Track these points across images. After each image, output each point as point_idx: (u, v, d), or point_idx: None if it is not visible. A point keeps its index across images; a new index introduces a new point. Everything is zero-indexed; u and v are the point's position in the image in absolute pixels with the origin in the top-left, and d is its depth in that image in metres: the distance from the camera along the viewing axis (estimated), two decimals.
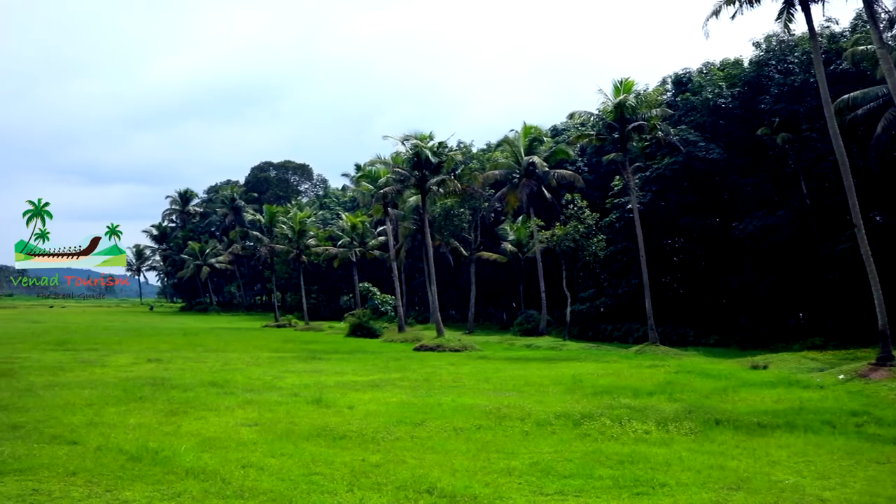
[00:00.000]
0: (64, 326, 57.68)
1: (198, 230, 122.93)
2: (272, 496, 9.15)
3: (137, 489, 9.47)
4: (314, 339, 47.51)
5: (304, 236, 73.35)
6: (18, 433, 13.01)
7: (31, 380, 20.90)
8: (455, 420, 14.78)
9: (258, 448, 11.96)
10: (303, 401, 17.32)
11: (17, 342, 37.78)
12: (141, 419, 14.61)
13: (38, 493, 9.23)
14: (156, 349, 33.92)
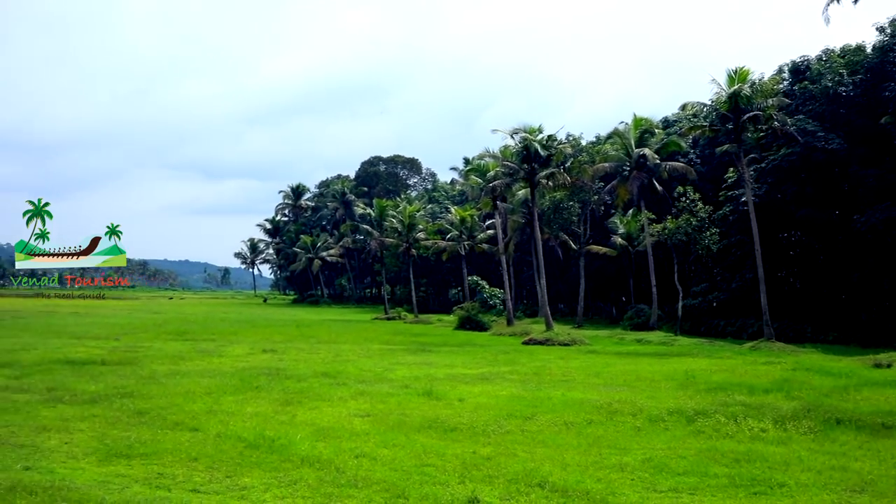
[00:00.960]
0: (183, 317, 59.72)
1: (309, 224, 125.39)
2: (385, 486, 9.27)
3: (255, 475, 9.74)
4: (423, 331, 47.90)
5: (414, 230, 73.90)
6: (143, 419, 13.55)
7: (153, 368, 21.72)
8: (565, 414, 14.70)
9: (371, 438, 12.15)
10: (413, 393, 17.50)
11: (140, 332, 39.28)
12: (257, 408, 15.02)
13: (162, 477, 9.60)
14: (270, 340, 34.77)
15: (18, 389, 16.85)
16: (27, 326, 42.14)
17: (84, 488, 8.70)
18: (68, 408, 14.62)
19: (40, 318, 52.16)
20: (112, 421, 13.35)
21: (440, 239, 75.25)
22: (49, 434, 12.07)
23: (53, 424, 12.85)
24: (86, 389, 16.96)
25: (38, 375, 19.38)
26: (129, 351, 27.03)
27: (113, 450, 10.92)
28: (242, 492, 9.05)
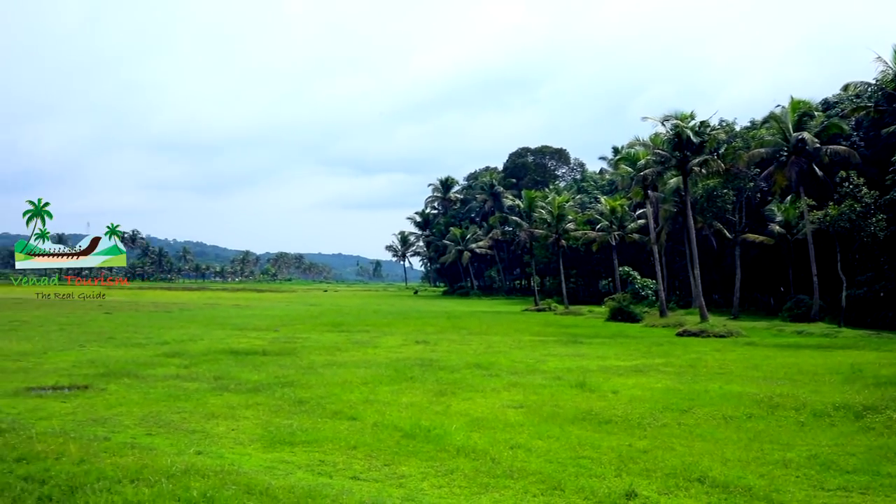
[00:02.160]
0: (337, 309, 61.35)
1: (458, 216, 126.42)
2: (541, 477, 9.26)
3: (412, 464, 9.91)
4: (574, 322, 47.58)
5: (563, 220, 73.41)
6: (304, 408, 14.01)
7: (311, 359, 22.42)
8: (724, 408, 14.31)
9: (525, 430, 12.16)
10: (566, 384, 17.40)
11: (298, 323, 40.62)
12: (412, 398, 15.28)
13: (324, 464, 9.89)
14: (422, 331, 35.30)
15: (188, 378, 17.73)
16: (193, 318, 44.26)
17: (251, 473, 9.06)
18: (234, 396, 15.28)
19: (205, 311, 54.67)
20: (274, 409, 13.86)
21: (590, 229, 74.49)
22: (217, 421, 12.65)
23: (221, 412, 13.46)
24: (249, 379, 17.69)
25: (206, 365, 20.34)
26: (288, 342, 28.00)
27: (276, 437, 11.35)
28: (400, 480, 9.23)
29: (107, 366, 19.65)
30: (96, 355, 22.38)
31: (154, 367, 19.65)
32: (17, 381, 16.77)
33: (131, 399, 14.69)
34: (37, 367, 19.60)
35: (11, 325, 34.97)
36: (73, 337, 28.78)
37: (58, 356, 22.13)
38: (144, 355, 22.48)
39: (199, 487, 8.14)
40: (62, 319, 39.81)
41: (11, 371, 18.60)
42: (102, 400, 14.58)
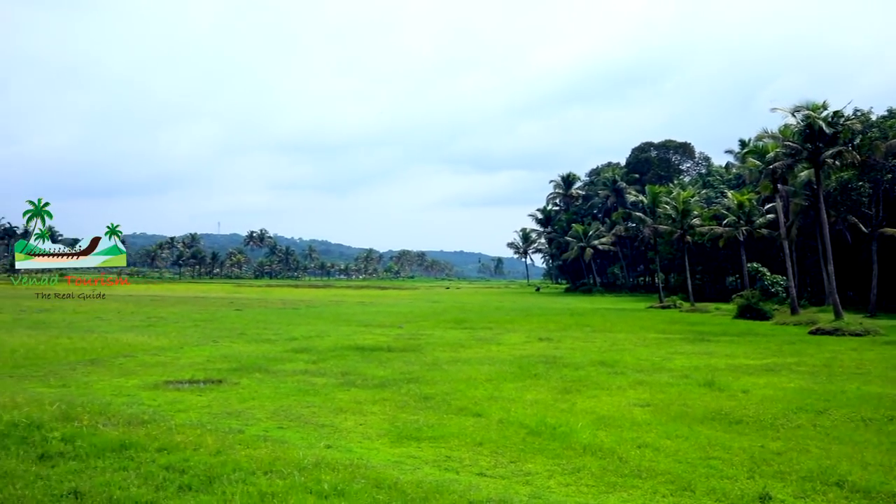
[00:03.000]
0: (460, 306, 61.71)
1: (580, 212, 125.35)
2: (670, 478, 9.10)
3: (539, 462, 9.88)
4: (700, 320, 46.49)
5: (688, 216, 71.81)
6: (429, 404, 14.14)
7: (436, 355, 22.61)
8: (862, 409, 13.72)
9: (652, 429, 11.96)
10: (694, 383, 17.04)
11: (421, 320, 41.06)
12: (537, 395, 15.23)
13: (450, 460, 9.96)
14: (545, 329, 35.16)
15: (316, 373, 18.15)
16: (320, 315, 45.29)
17: (379, 467, 9.21)
18: (361, 391, 15.55)
19: (331, 308, 55.84)
20: (401, 405, 14.03)
21: (716, 225, 72.56)
22: (345, 415, 12.90)
23: (348, 407, 13.72)
24: (375, 374, 17.97)
25: (333, 360, 20.77)
26: (412, 338, 28.32)
27: (403, 432, 11.49)
28: (527, 477, 9.21)
29: (239, 361, 20.30)
30: (229, 351, 23.16)
31: (283, 363, 20.19)
32: (156, 375, 17.49)
33: (263, 393, 15.14)
34: (174, 361, 20.40)
35: (150, 321, 36.53)
36: (206, 333, 29.85)
37: (193, 351, 22.99)
38: (274, 351, 23.13)
39: (330, 480, 8.33)
40: (196, 316, 41.36)
41: (151, 365, 19.42)
42: (236, 394, 15.07)
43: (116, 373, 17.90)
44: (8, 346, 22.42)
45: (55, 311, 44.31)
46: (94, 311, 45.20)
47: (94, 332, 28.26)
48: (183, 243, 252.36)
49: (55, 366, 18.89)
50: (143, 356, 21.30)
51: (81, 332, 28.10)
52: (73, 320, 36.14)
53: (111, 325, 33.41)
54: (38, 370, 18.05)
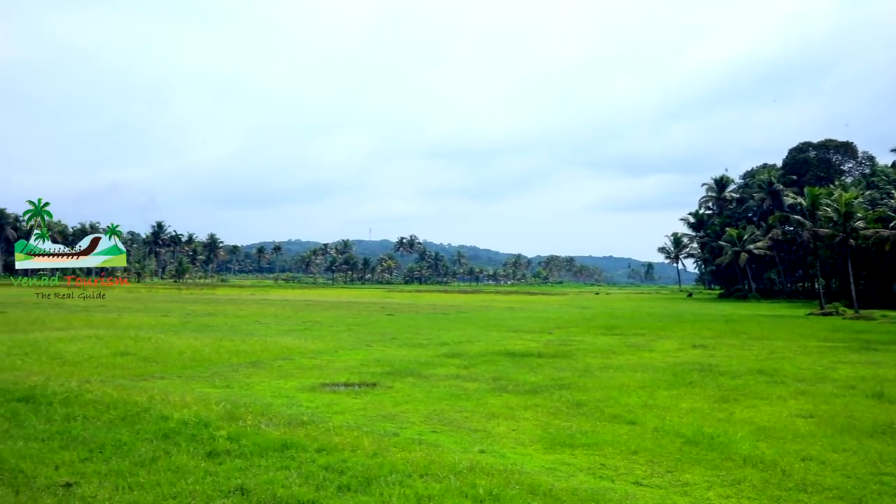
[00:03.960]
0: (610, 312, 60.94)
1: (735, 216, 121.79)
2: (838, 493, 8.69)
3: (696, 472, 9.63)
4: (865, 328, 44.23)
5: (851, 218, 68.78)
6: (582, 410, 14.00)
7: (587, 361, 22.38)
8: None
9: (816, 441, 11.45)
10: (860, 394, 16.22)
11: (571, 326, 40.75)
12: (693, 404, 14.85)
13: (605, 468, 9.83)
14: (699, 335, 34.26)
15: (468, 378, 18.27)
16: (469, 320, 45.60)
17: (533, 473, 9.18)
18: (512, 397, 15.55)
19: (480, 313, 56.16)
20: (553, 411, 13.96)
21: (882, 227, 69.11)
22: (497, 421, 12.92)
23: (500, 412, 13.75)
24: (526, 380, 17.94)
25: (484, 366, 20.87)
26: (563, 344, 28.14)
27: (556, 439, 11.42)
28: (685, 488, 8.99)
29: (392, 365, 20.67)
30: (382, 354, 23.61)
31: (435, 367, 20.43)
32: (313, 378, 18.02)
33: (416, 397, 15.35)
34: (329, 364, 20.96)
35: (306, 325, 37.68)
36: (360, 337, 30.54)
37: (347, 355, 23.56)
38: (426, 355, 23.43)
39: (485, 485, 8.37)
40: (349, 320, 42.38)
41: (308, 368, 20.02)
42: (389, 397, 15.34)
43: (276, 375, 18.54)
44: (176, 348, 23.56)
45: (218, 315, 46.36)
46: (253, 315, 47.03)
47: (255, 336, 29.36)
48: (336, 249, 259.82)
49: (219, 367, 19.74)
50: (301, 359, 21.97)
51: (242, 336, 29.26)
52: (235, 324, 37.69)
53: (270, 328, 34.65)
54: (204, 371, 18.90)
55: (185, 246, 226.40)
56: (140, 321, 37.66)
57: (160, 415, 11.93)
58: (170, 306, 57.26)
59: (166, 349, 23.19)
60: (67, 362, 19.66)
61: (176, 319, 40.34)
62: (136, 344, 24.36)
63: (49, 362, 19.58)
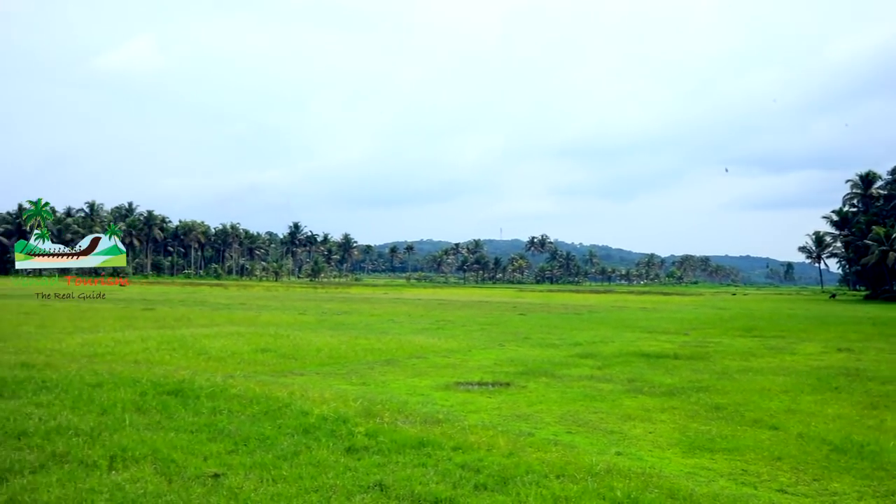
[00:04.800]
0: (748, 313, 59.10)
1: (882, 213, 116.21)
2: None
3: (845, 481, 9.25)
4: None
5: None
6: (721, 414, 13.64)
7: (725, 364, 21.79)
8: None
9: None
10: None
11: (708, 327, 39.76)
12: (839, 410, 14.25)
13: (746, 474, 9.56)
14: (844, 338, 32.83)
15: (602, 379, 18.08)
16: (602, 320, 45.10)
17: (672, 478, 9.00)
18: (648, 399, 15.29)
19: (613, 313, 55.47)
20: (690, 414, 13.65)
21: None
22: (633, 423, 12.73)
23: (636, 414, 13.54)
24: (662, 382, 17.61)
25: (618, 367, 20.60)
26: (699, 346, 27.49)
27: (695, 442, 11.17)
28: (833, 498, 8.64)
29: (525, 364, 20.65)
30: (515, 354, 23.61)
31: (568, 368, 20.29)
32: (447, 376, 18.18)
33: (550, 397, 15.29)
34: (463, 363, 21.10)
35: (438, 324, 38.04)
36: (492, 336, 30.62)
37: (480, 354, 23.66)
38: (559, 355, 23.29)
39: (623, 488, 8.26)
40: (482, 320, 42.56)
41: (441, 366, 20.21)
42: (523, 397, 15.32)
43: (410, 373, 18.79)
44: (314, 345, 24.17)
45: (353, 313, 47.35)
46: (387, 313, 47.84)
47: (389, 334, 29.84)
48: (467, 249, 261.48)
49: (355, 365, 20.16)
50: (434, 358, 22.20)
51: (377, 334, 29.78)
52: (370, 322, 38.41)
53: (403, 327, 35.15)
54: (341, 368, 19.33)
55: (320, 246, 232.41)
56: (279, 319, 38.86)
57: (300, 410, 12.26)
58: (306, 305, 58.83)
59: (304, 346, 23.83)
60: (212, 358, 20.46)
61: (312, 318, 41.41)
62: (275, 341, 25.11)
63: (195, 357, 20.43)
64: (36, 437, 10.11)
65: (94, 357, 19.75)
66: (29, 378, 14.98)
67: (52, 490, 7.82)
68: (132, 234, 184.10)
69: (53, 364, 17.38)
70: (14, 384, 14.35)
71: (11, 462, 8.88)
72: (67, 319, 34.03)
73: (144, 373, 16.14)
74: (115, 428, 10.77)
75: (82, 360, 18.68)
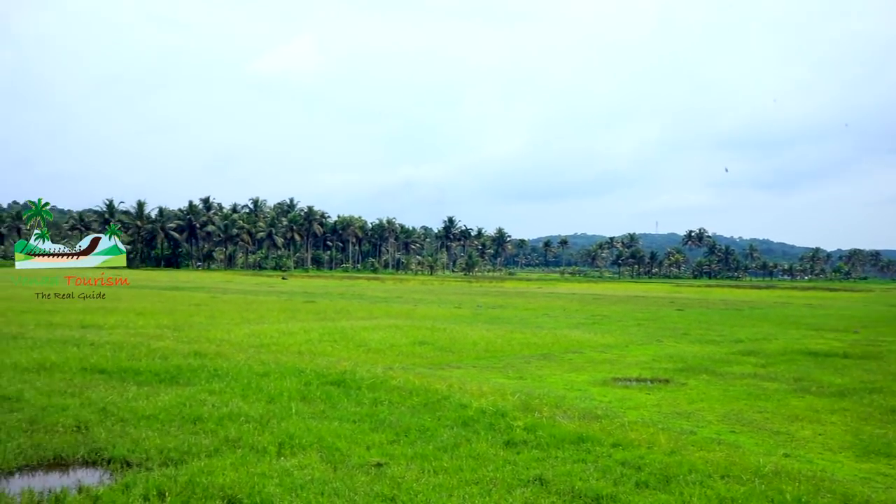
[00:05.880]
0: None
1: None
2: None
3: None
4: None
5: None
6: None
7: None
8: None
9: None
10: None
11: (880, 325, 37.90)
12: None
13: None
14: None
15: (766, 377, 17.46)
16: (765, 316, 43.58)
17: (845, 482, 8.62)
18: (816, 399, 14.67)
19: (775, 309, 53.52)
20: (863, 416, 13.02)
21: None
22: (801, 424, 12.25)
23: (804, 414, 13.01)
24: (831, 382, 16.85)
25: (783, 365, 19.84)
26: (870, 345, 26.18)
27: (869, 446, 10.64)
28: None
29: (684, 361, 20.19)
30: (673, 350, 23.12)
31: (730, 365, 19.69)
32: (604, 372, 17.99)
33: (711, 395, 14.89)
34: (620, 359, 20.82)
35: (594, 319, 37.66)
36: (649, 332, 30.07)
37: (638, 350, 23.29)
38: (719, 352, 22.64)
39: (792, 491, 7.99)
40: (638, 315, 41.86)
41: (598, 362, 20.01)
42: (683, 394, 14.99)
43: (566, 368, 18.70)
44: (470, 339, 24.36)
45: (507, 307, 47.48)
46: (541, 307, 47.71)
47: (544, 329, 29.76)
48: (622, 243, 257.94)
49: (511, 358, 20.22)
50: (591, 353, 22.00)
51: (532, 328, 29.75)
52: (524, 316, 38.40)
53: (558, 321, 34.98)
54: (497, 362, 19.43)
55: (474, 240, 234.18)
56: (435, 312, 39.38)
57: (459, 403, 12.42)
58: (461, 298, 59.39)
59: (461, 339, 24.07)
60: (371, 350, 20.95)
61: (468, 311, 41.77)
62: (432, 334, 25.47)
63: (355, 349, 20.97)
64: (210, 423, 10.64)
65: (261, 347, 20.58)
66: (202, 366, 15.81)
67: (226, 473, 8.21)
68: (293, 230, 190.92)
69: (223, 353, 18.25)
70: (189, 372, 15.17)
71: (189, 445, 9.40)
72: (235, 311, 35.55)
73: (308, 363, 16.74)
74: (283, 416, 11.22)
75: (250, 350, 19.51)
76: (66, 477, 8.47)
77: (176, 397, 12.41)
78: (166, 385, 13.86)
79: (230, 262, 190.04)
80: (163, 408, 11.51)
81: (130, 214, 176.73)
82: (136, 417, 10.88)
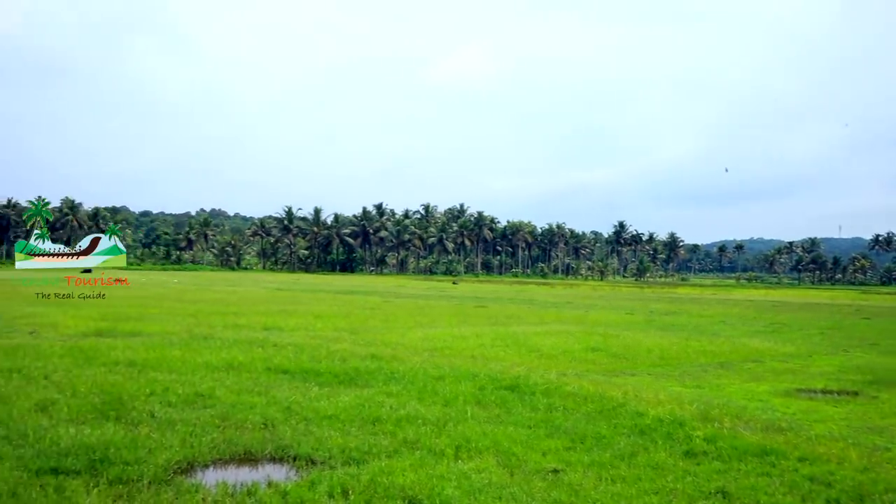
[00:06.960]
0: None
1: None
2: None
3: None
4: None
5: None
6: None
7: None
8: None
9: None
10: None
11: None
12: None
13: None
14: None
15: None
16: None
17: None
18: None
19: None
20: None
21: None
22: None
23: None
24: None
25: None
26: None
27: None
28: None
29: (874, 373, 19.11)
30: (861, 361, 21.97)
31: None
32: (786, 382, 17.30)
33: None
34: (803, 369, 19.96)
35: (773, 326, 36.25)
36: (834, 341, 28.67)
37: (822, 360, 22.26)
38: None
39: None
40: (821, 323, 39.96)
41: (780, 371, 19.26)
42: (875, 408, 14.22)
43: (746, 377, 18.10)
44: (644, 345, 23.95)
45: (681, 314, 46.33)
46: (717, 314, 46.31)
47: (721, 336, 28.88)
48: (802, 248, 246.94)
49: (687, 366, 19.74)
50: (771, 362, 21.20)
51: (708, 336, 28.93)
52: (699, 323, 37.37)
53: (735, 329, 33.87)
54: (673, 370, 19.02)
55: (645, 245, 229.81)
56: (606, 318, 38.91)
57: (635, 411, 12.22)
58: (633, 304, 58.40)
59: (634, 346, 23.69)
60: (544, 355, 20.92)
61: (640, 317, 41.03)
62: (605, 340, 25.18)
63: (527, 354, 21.00)
64: (388, 424, 10.91)
65: (434, 351, 20.92)
66: (378, 369, 16.22)
67: (406, 474, 8.40)
68: (463, 235, 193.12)
69: (399, 357, 18.65)
70: (366, 374, 15.61)
71: (369, 446, 9.66)
72: (408, 315, 36.26)
73: (481, 368, 16.89)
74: (459, 419, 11.36)
75: (424, 354, 19.86)
76: (255, 472, 8.88)
77: (355, 398, 12.79)
78: (345, 386, 14.32)
79: (402, 266, 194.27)
80: (343, 408, 11.88)
81: (308, 221, 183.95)
82: (319, 417, 11.28)
